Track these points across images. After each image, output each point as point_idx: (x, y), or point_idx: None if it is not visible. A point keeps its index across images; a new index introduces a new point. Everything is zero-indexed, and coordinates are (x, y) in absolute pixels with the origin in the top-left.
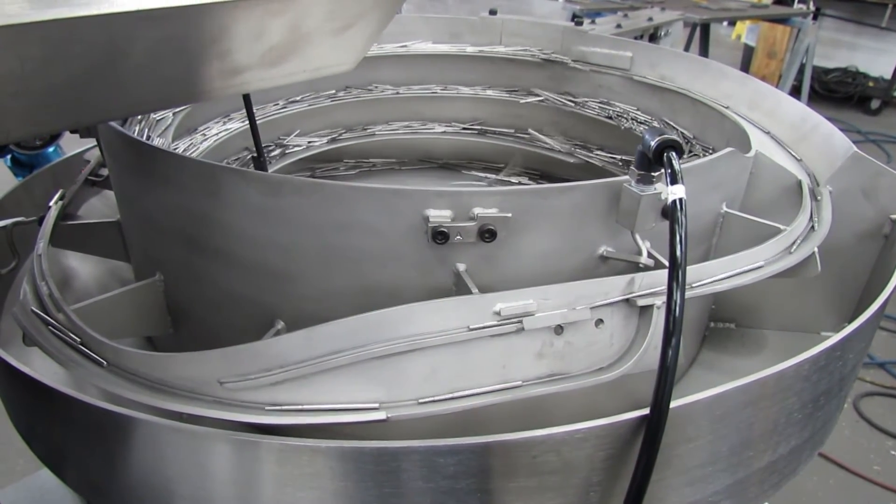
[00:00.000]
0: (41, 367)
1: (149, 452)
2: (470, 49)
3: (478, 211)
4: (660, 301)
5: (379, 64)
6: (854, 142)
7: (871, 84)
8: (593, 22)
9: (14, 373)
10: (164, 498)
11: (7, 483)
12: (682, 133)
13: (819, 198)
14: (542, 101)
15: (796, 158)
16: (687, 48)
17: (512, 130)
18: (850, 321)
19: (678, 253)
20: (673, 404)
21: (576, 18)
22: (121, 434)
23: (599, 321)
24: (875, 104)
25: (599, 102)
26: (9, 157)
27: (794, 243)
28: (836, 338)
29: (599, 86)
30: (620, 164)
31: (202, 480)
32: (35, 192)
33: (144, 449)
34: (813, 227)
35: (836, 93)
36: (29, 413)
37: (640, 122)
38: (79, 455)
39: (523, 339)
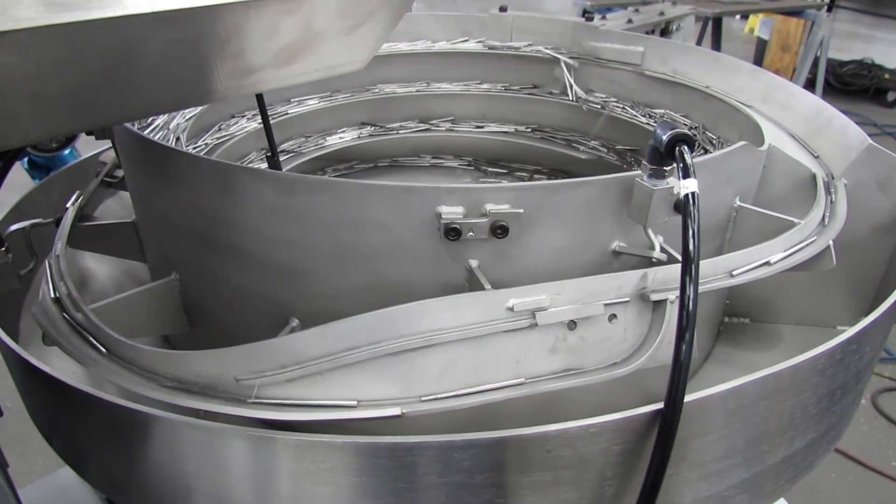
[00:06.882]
0: (60, 366)
1: (167, 449)
2: (480, 46)
3: (490, 207)
4: (673, 296)
5: (389, 62)
6: (870, 135)
7: (886, 76)
8: (604, 17)
9: (34, 371)
10: (183, 493)
11: (27, 482)
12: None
13: (834, 191)
14: (552, 97)
15: (810, 151)
16: (699, 43)
17: (524, 128)
18: (866, 315)
19: (691, 247)
20: (687, 398)
21: (586, 14)
22: (139, 431)
23: (613, 316)
24: (891, 96)
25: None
26: (26, 159)
27: (808, 237)
28: (851, 331)
29: (611, 81)
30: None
31: (220, 476)
32: (52, 194)
33: (162, 445)
34: (827, 220)
35: (852, 86)
36: (49, 411)
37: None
38: (98, 452)
39: (537, 334)
